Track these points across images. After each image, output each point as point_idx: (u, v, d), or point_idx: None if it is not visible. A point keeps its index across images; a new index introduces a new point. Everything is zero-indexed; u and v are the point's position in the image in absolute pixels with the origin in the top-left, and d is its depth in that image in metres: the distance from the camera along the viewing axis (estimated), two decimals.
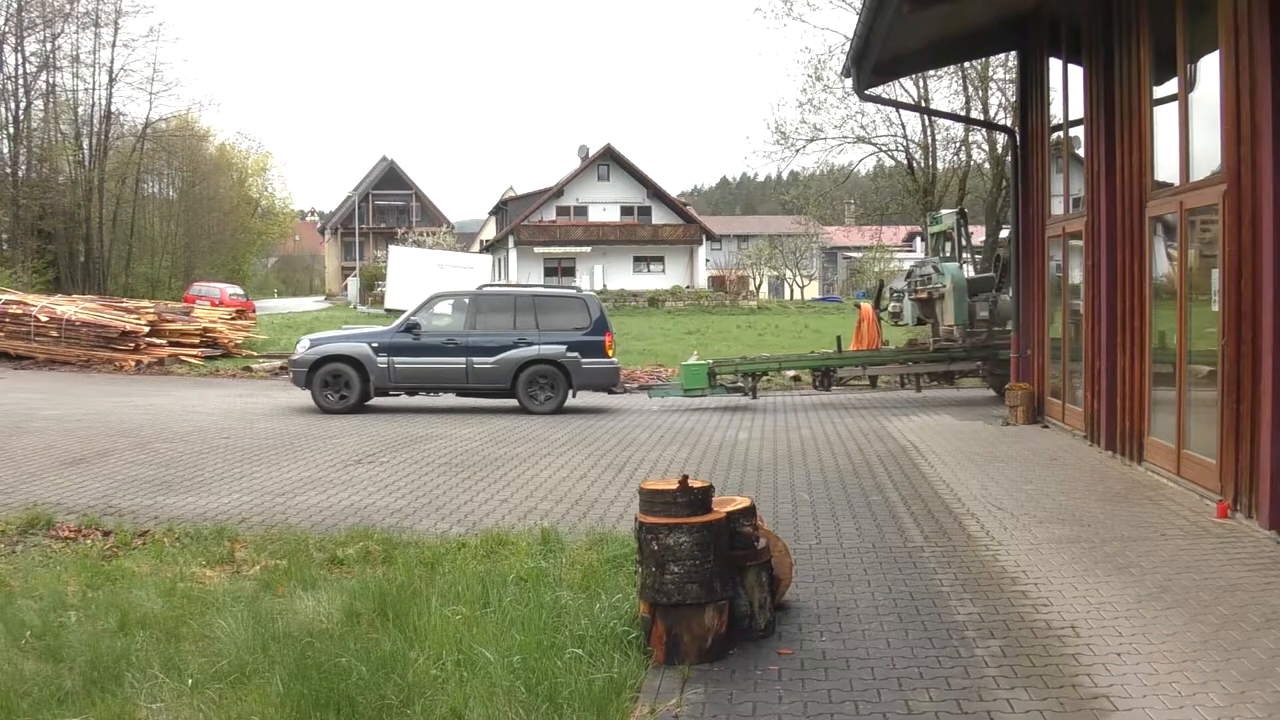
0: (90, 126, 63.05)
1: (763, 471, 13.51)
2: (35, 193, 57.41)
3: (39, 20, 58.84)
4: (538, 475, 13.29)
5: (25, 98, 59.44)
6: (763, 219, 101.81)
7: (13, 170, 58.28)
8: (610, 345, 21.28)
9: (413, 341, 21.25)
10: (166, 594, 8.27)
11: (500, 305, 22.00)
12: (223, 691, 6.32)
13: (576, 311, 21.70)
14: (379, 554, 9.30)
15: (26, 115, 59.72)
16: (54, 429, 17.39)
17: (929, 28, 15.42)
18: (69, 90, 62.67)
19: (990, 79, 32.27)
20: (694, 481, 6.80)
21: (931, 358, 22.32)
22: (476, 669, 6.42)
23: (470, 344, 21.16)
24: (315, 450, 15.32)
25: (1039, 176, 17.20)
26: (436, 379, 21.47)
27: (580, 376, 21.07)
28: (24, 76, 59.17)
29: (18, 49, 58.52)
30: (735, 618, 6.82)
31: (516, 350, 21.04)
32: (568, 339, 21.10)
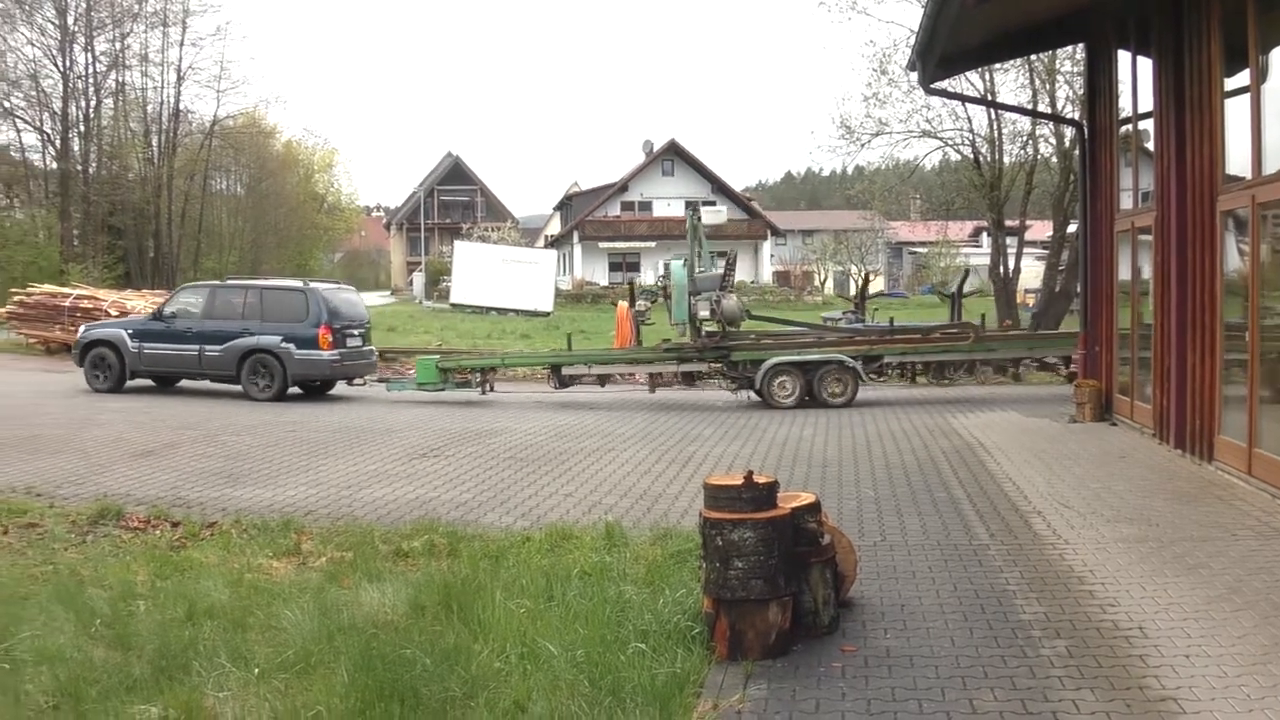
0: (159, 124, 63.87)
1: (827, 467, 13.45)
2: (105, 189, 58.28)
3: (108, 20, 59.68)
4: (602, 470, 13.31)
5: (95, 96, 60.32)
6: (827, 214, 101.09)
7: (83, 167, 59.17)
8: (324, 338, 22.13)
9: (161, 329, 22.96)
10: (233, 584, 8.37)
11: (233, 298, 23.25)
12: (288, 681, 6.38)
13: (298, 305, 22.68)
14: (444, 547, 9.36)
15: (97, 113, 60.60)
16: (122, 421, 17.65)
17: (994, 20, 15.27)
18: (138, 88, 63.55)
19: (1057, 72, 31.88)
20: (759, 477, 6.78)
21: (660, 357, 22.41)
22: (540, 662, 6.44)
23: (205, 333, 22.62)
24: (381, 444, 15.44)
25: (1107, 170, 16.99)
26: (176, 365, 23.06)
27: (294, 366, 22.19)
28: (94, 75, 60.05)
29: (88, 48, 59.38)
30: (799, 614, 6.80)
31: (240, 340, 22.31)
32: (287, 331, 22.19)
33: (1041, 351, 22.59)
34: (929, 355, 21.90)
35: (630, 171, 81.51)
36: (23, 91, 58.54)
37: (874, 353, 21.68)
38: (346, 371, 23.32)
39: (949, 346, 21.90)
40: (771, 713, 5.80)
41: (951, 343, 21.99)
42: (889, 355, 21.77)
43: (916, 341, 22.27)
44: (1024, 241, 37.80)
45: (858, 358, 21.06)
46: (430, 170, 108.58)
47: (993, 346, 21.97)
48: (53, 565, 9.08)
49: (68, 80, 58.47)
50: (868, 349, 21.71)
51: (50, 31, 58.31)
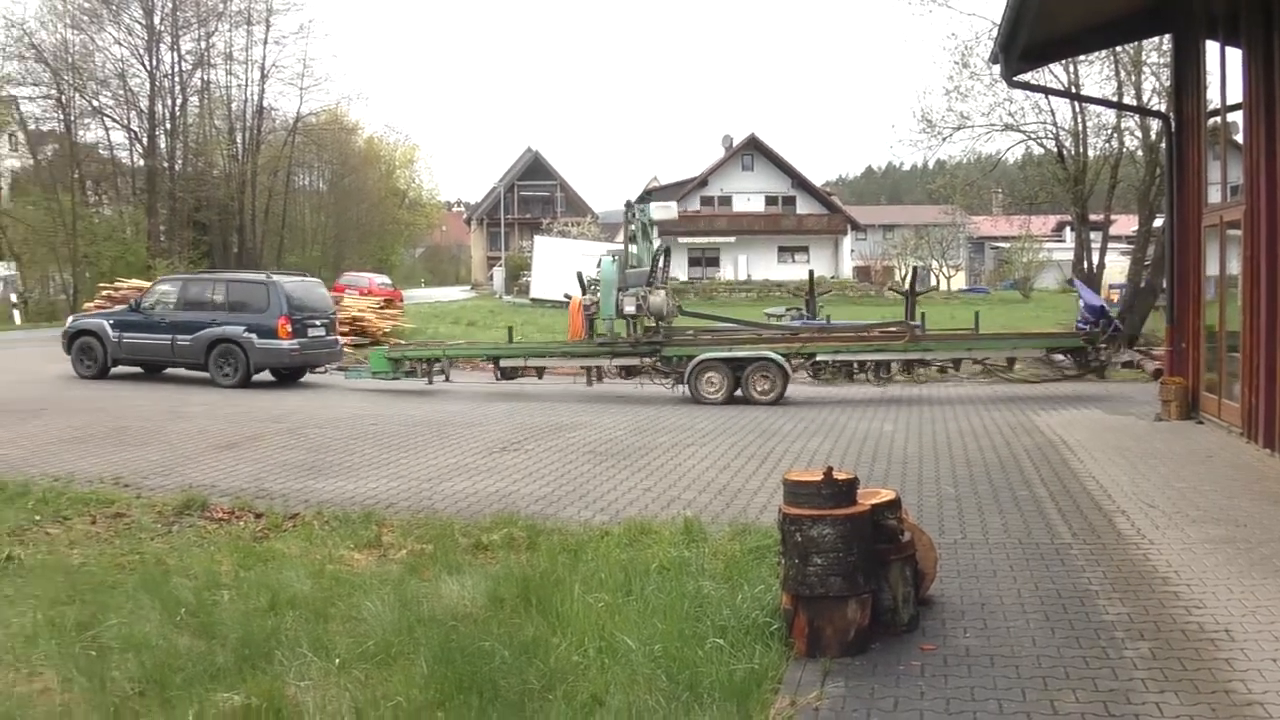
0: (243, 121, 64.88)
1: (908, 464, 13.35)
2: (191, 186, 59.29)
3: (194, 19, 60.71)
4: (680, 465, 13.31)
5: (181, 94, 61.39)
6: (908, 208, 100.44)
7: (170, 164, 60.20)
8: (284, 328, 23.17)
9: (139, 320, 24.22)
10: (315, 575, 8.47)
11: (203, 289, 24.61)
12: (369, 672, 6.45)
13: (260, 297, 23.72)
14: (523, 540, 9.40)
15: (183, 111, 61.65)
16: (207, 414, 17.92)
17: (1078, 11, 15.10)
18: (223, 86, 64.65)
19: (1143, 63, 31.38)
20: (839, 473, 6.75)
21: (594, 351, 22.38)
22: (618, 656, 6.46)
23: (177, 323, 23.77)
24: (462, 437, 15.53)
25: (1195, 164, 16.71)
26: (151, 353, 24.32)
27: (256, 355, 23.20)
28: (180, 74, 61.14)
29: (174, 47, 60.45)
30: (878, 612, 6.76)
31: (207, 330, 23.42)
32: (250, 321, 23.26)
33: (982, 352, 22.30)
34: (862, 354, 21.68)
35: (710, 166, 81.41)
36: (111, 90, 59.77)
37: (806, 350, 21.61)
38: (307, 360, 24.56)
39: (883, 346, 21.71)
40: (849, 710, 5.78)
41: (885, 342, 21.86)
42: (821, 353, 21.66)
43: (849, 340, 22.17)
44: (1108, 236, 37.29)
45: (788, 355, 21.03)
46: (510, 165, 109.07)
47: (929, 346, 21.74)
48: (139, 554, 9.23)
49: (154, 79, 59.55)
50: (799, 346, 21.66)
51: (137, 31, 59.46)
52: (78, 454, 14.04)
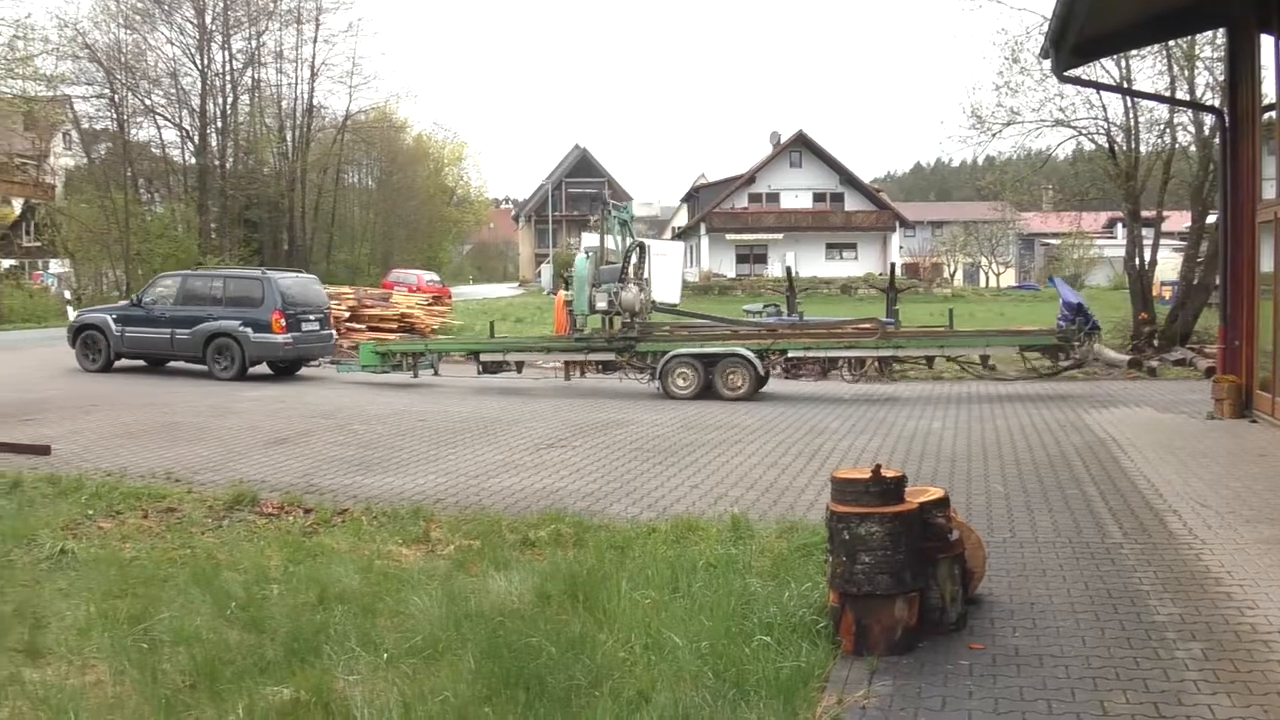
0: (293, 119, 65.41)
1: (956, 462, 13.28)
2: (242, 183, 59.81)
3: (244, 19, 61.24)
4: (728, 462, 13.29)
5: (232, 93, 61.93)
6: (957, 205, 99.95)
7: (221, 162, 60.77)
8: (278, 322, 23.87)
9: (140, 315, 25.07)
10: (364, 571, 8.52)
11: (200, 285, 25.55)
12: (416, 666, 6.48)
13: (255, 292, 24.45)
14: (570, 537, 9.42)
15: (233, 110, 62.18)
16: (257, 410, 18.06)
17: (1130, 6, 14.95)
18: (273, 85, 65.22)
19: (1197, 57, 30.96)
20: (887, 471, 6.72)
21: (569, 347, 22.78)
22: (664, 653, 6.46)
23: (176, 318, 24.64)
24: (509, 434, 15.58)
25: (1249, 159, 16.52)
26: (151, 347, 25.11)
27: (251, 348, 23.98)
28: (231, 73, 61.70)
29: (225, 46, 60.99)
30: (926, 610, 6.73)
31: (205, 324, 24.23)
32: (245, 316, 24.04)
33: (954, 350, 22.15)
34: (833, 350, 21.72)
35: (758, 163, 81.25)
36: (163, 89, 60.38)
37: (777, 347, 21.73)
38: (301, 353, 25.16)
39: (854, 342, 21.77)
40: (896, 709, 5.75)
41: (855, 338, 21.92)
42: (792, 350, 21.84)
43: (820, 337, 22.27)
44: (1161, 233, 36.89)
45: (760, 351, 21.13)
46: (558, 163, 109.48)
47: (900, 343, 21.74)
48: (190, 549, 9.32)
49: (206, 78, 60.10)
50: (770, 343, 21.77)
51: (189, 31, 60.02)
52: (130, 449, 14.19)
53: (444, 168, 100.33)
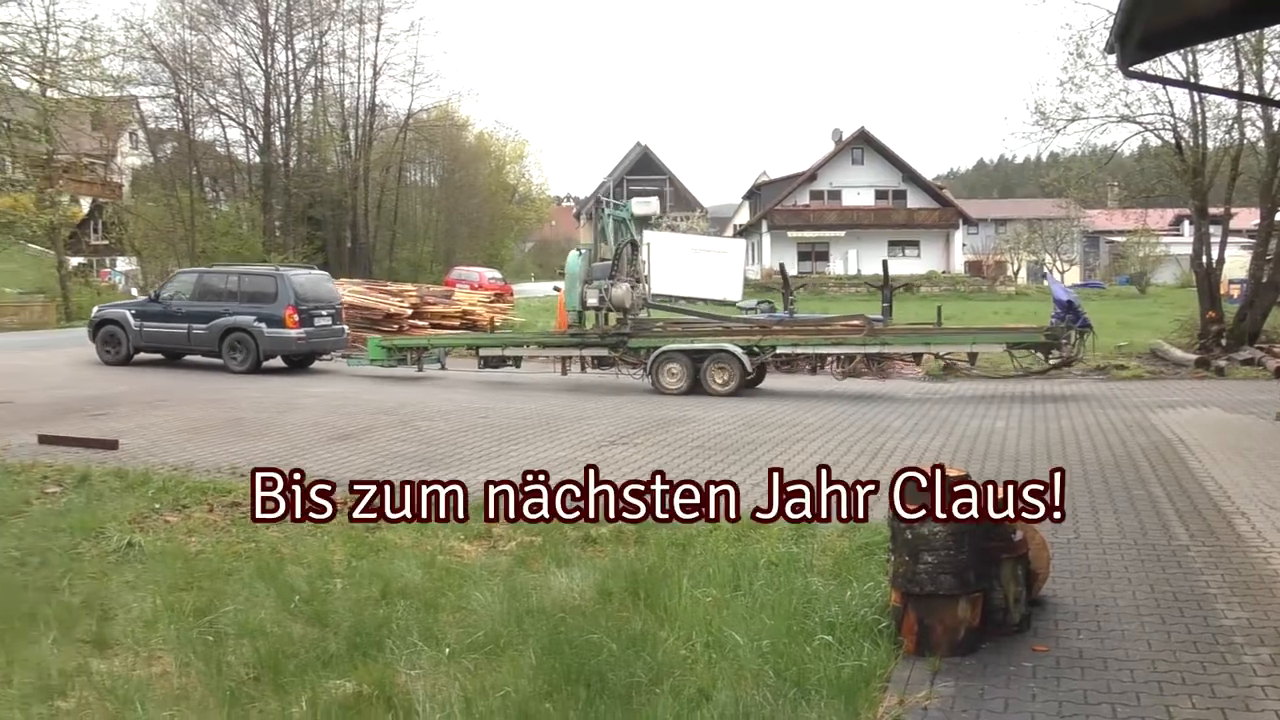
0: (356, 118, 66.04)
1: (1020, 462, 13.18)
2: (305, 182, 60.45)
3: (307, 19, 61.92)
4: (790, 460, 13.25)
5: (296, 92, 62.65)
6: (1021, 202, 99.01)
7: (284, 161, 61.44)
8: (290, 317, 24.76)
9: (158, 310, 25.89)
10: (426, 566, 8.58)
11: (217, 281, 26.35)
12: (478, 662, 6.52)
13: (269, 288, 25.31)
14: (631, 534, 9.41)
15: (297, 109, 62.89)
16: (321, 406, 18.23)
17: None
18: (336, 84, 65.95)
19: (1265, 51, 30.52)
20: (950, 470, 6.68)
21: (563, 342, 23.36)
22: (725, 651, 6.46)
23: (193, 313, 25.40)
24: (570, 431, 15.62)
25: None
26: (169, 341, 26.01)
27: (264, 343, 24.82)
28: (294, 72, 62.45)
29: (288, 46, 61.72)
30: (989, 611, 6.68)
31: (221, 319, 25.04)
32: (259, 311, 24.88)
33: (940, 347, 22.24)
34: (820, 347, 21.74)
35: (819, 160, 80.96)
36: (227, 89, 61.19)
37: (765, 343, 21.69)
38: (313, 347, 26.18)
39: (841, 339, 21.74)
40: (959, 711, 5.72)
41: (843, 335, 21.89)
42: (780, 346, 21.77)
43: (808, 333, 22.30)
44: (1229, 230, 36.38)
45: (747, 348, 21.23)
46: (619, 160, 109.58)
47: (888, 340, 21.70)
48: (255, 543, 9.40)
49: (269, 77, 60.82)
50: (759, 340, 21.76)
51: (253, 31, 60.78)
52: (196, 444, 14.36)
53: (505, 165, 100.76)
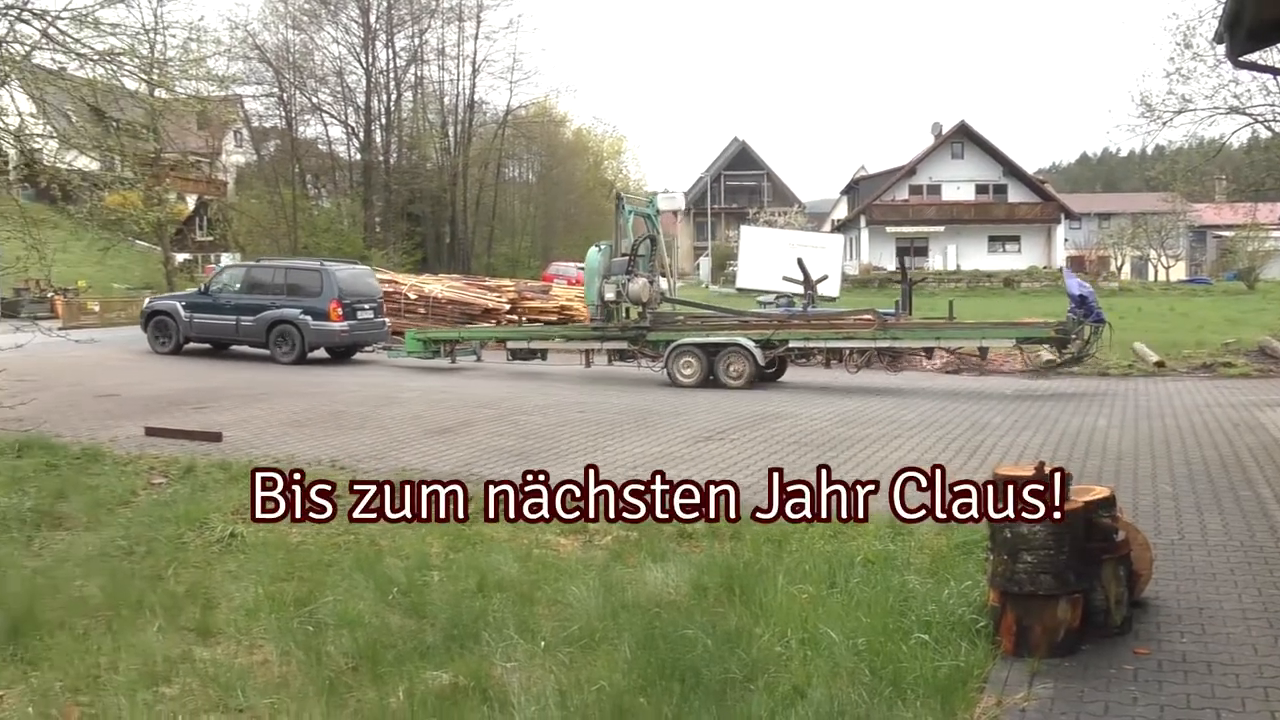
0: (455, 115, 66.63)
1: (1122, 460, 12.96)
2: (405, 179, 61.12)
3: (408, 17, 62.57)
4: (887, 457, 13.15)
5: (396, 90, 63.33)
6: (1125, 196, 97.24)
7: (385, 158, 62.18)
8: (335, 311, 25.77)
9: (208, 302, 26.98)
10: (522, 559, 8.64)
11: (264, 275, 27.31)
12: (573, 655, 6.55)
13: (314, 283, 26.28)
14: (727, 530, 9.40)
15: (397, 106, 63.59)
16: (420, 400, 18.40)
17: None
18: (435, 81, 66.59)
19: None
20: (1050, 468, 6.59)
21: (585, 335, 23.88)
22: (820, 648, 6.43)
23: (241, 305, 26.51)
24: (667, 426, 15.63)
25: None
26: (218, 332, 27.03)
27: (310, 335, 25.89)
28: (394, 70, 63.11)
29: (389, 45, 62.41)
30: (1089, 612, 6.58)
31: (268, 312, 26.08)
32: (305, 305, 25.87)
33: (950, 342, 22.04)
34: (832, 341, 21.84)
35: (918, 155, 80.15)
36: (329, 87, 62.03)
37: (778, 337, 21.75)
38: (356, 340, 27.23)
39: (852, 333, 21.71)
40: (1057, 713, 5.64)
41: (853, 329, 21.84)
42: (793, 340, 21.80)
43: (820, 328, 22.30)
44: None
45: (760, 342, 21.52)
46: (717, 155, 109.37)
47: (898, 335, 21.52)
48: (353, 535, 9.52)
49: (370, 76, 61.55)
50: (771, 334, 21.83)
51: (354, 30, 61.53)
52: (297, 437, 14.57)
53: (603, 161, 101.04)
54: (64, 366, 22.54)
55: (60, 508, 10.68)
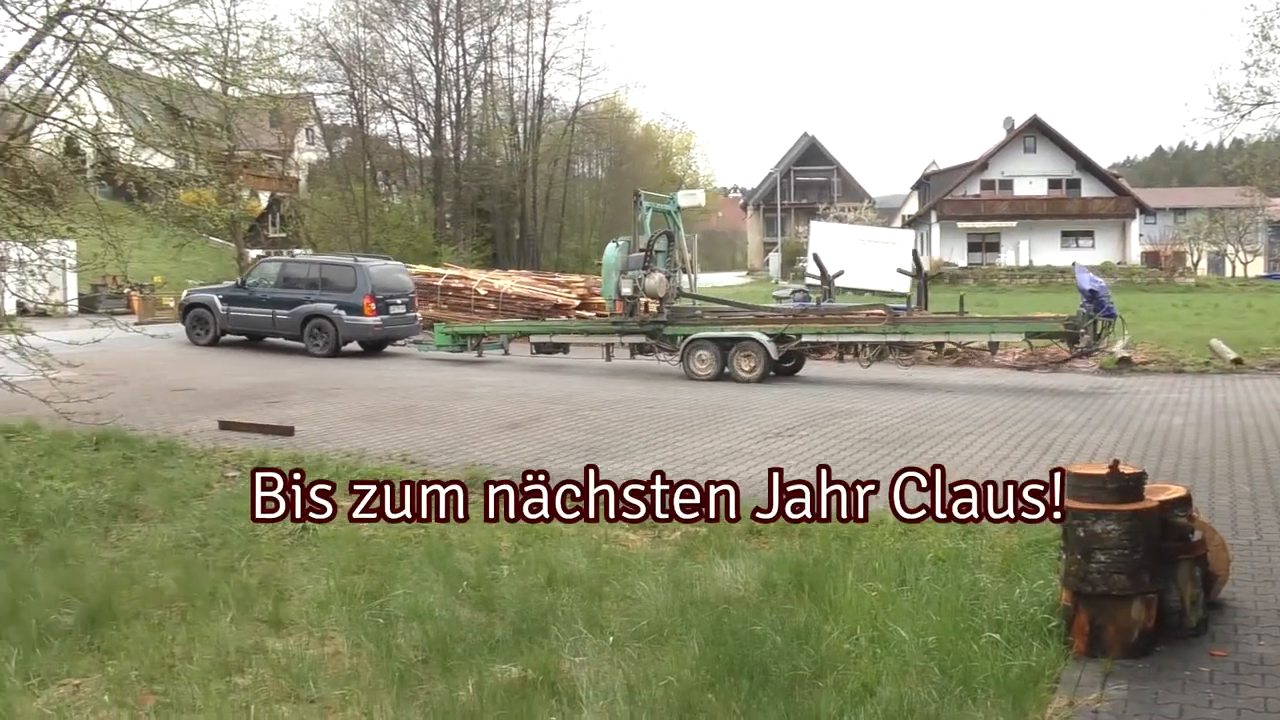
0: (524, 112, 66.88)
1: (1199, 459, 12.77)
2: (475, 175, 61.45)
3: (477, 14, 62.89)
4: (957, 455, 13.05)
5: (465, 87, 63.67)
6: (1201, 191, 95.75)
7: (454, 155, 62.55)
8: (368, 306, 26.39)
9: (244, 295, 27.79)
10: (591, 554, 8.66)
11: (299, 270, 28.14)
12: (641, 650, 6.56)
13: (348, 278, 26.97)
14: (796, 527, 9.37)
15: (467, 103, 63.92)
16: (490, 395, 18.51)
17: None
18: (504, 78, 66.82)
19: None
20: (1125, 467, 6.51)
21: (605, 329, 24.27)
22: (890, 646, 6.40)
23: (277, 299, 27.20)
24: (735, 422, 15.61)
25: None
26: (254, 325, 27.85)
27: (344, 329, 26.51)
28: (464, 67, 63.43)
29: (458, 42, 62.75)
30: (1164, 613, 6.49)
31: (303, 306, 26.80)
32: (339, 299, 26.52)
33: (960, 336, 22.07)
34: (843, 335, 21.95)
35: (990, 149, 79.36)
36: (399, 85, 62.47)
37: (791, 331, 21.90)
38: (388, 334, 27.75)
39: (863, 328, 21.83)
40: (1131, 714, 5.57)
41: (865, 324, 21.96)
42: (806, 334, 21.93)
43: (832, 322, 22.35)
44: None
45: (774, 336, 21.74)
46: (786, 151, 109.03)
47: (908, 330, 21.62)
48: (424, 529, 9.58)
49: (440, 73, 61.90)
50: (784, 328, 21.94)
51: (424, 28, 61.91)
52: (368, 431, 14.70)
53: (672, 157, 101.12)
54: (139, 361, 22.88)
55: (136, 500, 10.85)
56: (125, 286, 38.67)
